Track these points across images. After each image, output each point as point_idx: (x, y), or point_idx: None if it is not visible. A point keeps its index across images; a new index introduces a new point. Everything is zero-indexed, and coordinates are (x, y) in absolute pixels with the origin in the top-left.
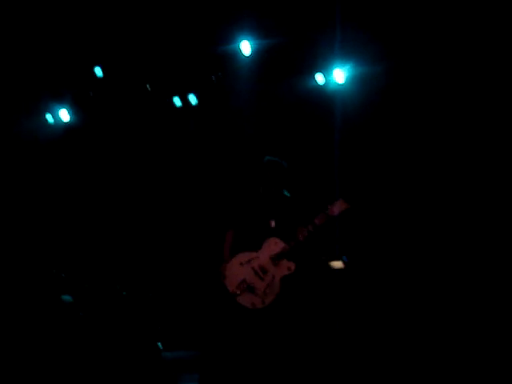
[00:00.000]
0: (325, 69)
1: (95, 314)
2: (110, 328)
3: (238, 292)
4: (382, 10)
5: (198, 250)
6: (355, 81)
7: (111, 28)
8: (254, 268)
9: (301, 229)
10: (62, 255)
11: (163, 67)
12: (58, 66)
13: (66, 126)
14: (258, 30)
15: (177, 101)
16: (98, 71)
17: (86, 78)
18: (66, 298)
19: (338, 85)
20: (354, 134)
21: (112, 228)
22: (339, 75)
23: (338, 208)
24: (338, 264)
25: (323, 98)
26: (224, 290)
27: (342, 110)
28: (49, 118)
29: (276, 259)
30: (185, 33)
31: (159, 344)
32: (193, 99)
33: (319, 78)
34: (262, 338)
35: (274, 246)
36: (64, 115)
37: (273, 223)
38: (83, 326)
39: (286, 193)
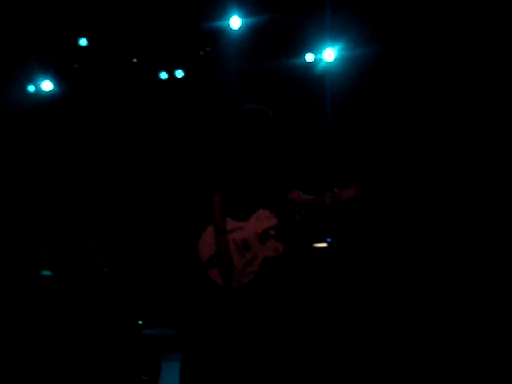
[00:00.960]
0: (315, 47)
1: (75, 290)
2: (90, 304)
3: (211, 264)
4: None
5: (182, 220)
6: (345, 60)
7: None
8: (236, 241)
9: (300, 207)
10: (44, 230)
11: (151, 41)
12: (42, 36)
13: (49, 97)
14: (248, 5)
15: (163, 75)
16: (84, 42)
17: (71, 49)
18: (46, 272)
19: (328, 63)
20: (343, 112)
21: (95, 204)
22: (329, 54)
23: (347, 193)
24: (321, 244)
25: (312, 76)
26: (196, 258)
27: (331, 88)
28: (31, 88)
29: (263, 236)
30: (174, 7)
31: (140, 321)
32: (180, 74)
33: (309, 57)
34: (232, 320)
35: (265, 219)
36: (47, 86)
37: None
38: (62, 302)
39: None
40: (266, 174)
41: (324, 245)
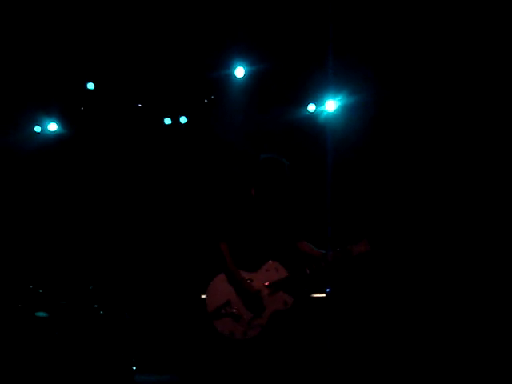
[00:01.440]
0: (317, 98)
1: (70, 332)
2: (84, 347)
3: (218, 314)
4: (373, 42)
5: (181, 269)
6: (346, 110)
7: (106, 44)
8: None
9: (311, 260)
10: (40, 271)
11: (156, 87)
12: (50, 80)
13: (55, 138)
14: (252, 55)
15: (167, 120)
16: (91, 86)
17: (79, 93)
18: (41, 314)
19: (329, 113)
20: (344, 161)
21: (94, 245)
22: (330, 105)
23: (360, 248)
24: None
25: (314, 127)
26: (203, 307)
27: (332, 138)
28: (37, 129)
29: (273, 288)
30: (180, 55)
31: (133, 367)
32: (183, 120)
33: (310, 107)
34: (236, 372)
35: (274, 271)
36: (53, 128)
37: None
38: (57, 344)
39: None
40: (277, 224)
41: (323, 295)
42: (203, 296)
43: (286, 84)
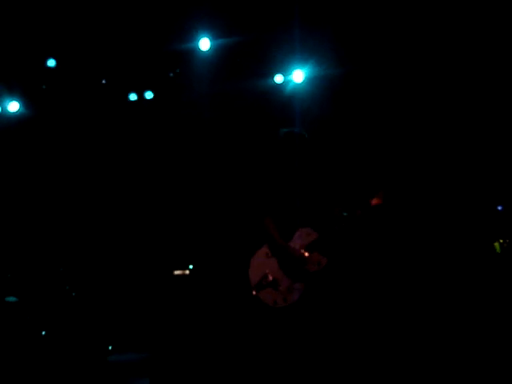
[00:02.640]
0: (284, 69)
1: (42, 315)
2: (57, 329)
3: (260, 286)
4: (341, 13)
5: (153, 247)
6: (313, 81)
7: (67, 20)
8: (281, 261)
9: (335, 217)
10: (8, 254)
11: (120, 62)
12: (9, 58)
13: (16, 118)
14: (218, 27)
15: (132, 96)
16: (52, 63)
17: (39, 70)
18: (11, 299)
19: (296, 84)
20: (312, 133)
21: (63, 225)
22: (298, 75)
23: (376, 201)
24: None
25: (281, 98)
26: (246, 282)
27: (299, 110)
28: None
29: (307, 251)
30: (143, 28)
31: (109, 347)
32: (149, 96)
33: (278, 78)
34: (280, 339)
35: (306, 236)
36: (14, 107)
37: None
38: (28, 328)
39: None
40: (309, 193)
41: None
42: (176, 272)
43: (253, 55)
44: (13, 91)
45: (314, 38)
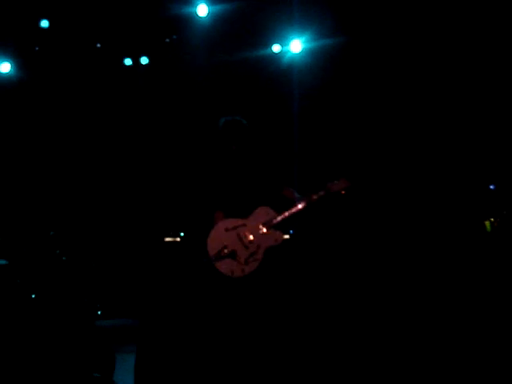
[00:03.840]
0: (282, 39)
1: (32, 278)
2: (47, 293)
3: (218, 257)
4: None
5: (142, 214)
6: (311, 52)
7: None
8: (240, 235)
9: (295, 202)
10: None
11: (116, 26)
12: (1, 18)
13: (7, 79)
14: None
15: (128, 61)
16: (45, 24)
17: (32, 32)
18: (1, 261)
19: (294, 54)
20: (309, 102)
21: (56, 192)
22: (296, 45)
23: (337, 186)
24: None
25: (279, 67)
26: (204, 253)
27: (298, 79)
28: None
29: (266, 227)
30: None
31: (98, 312)
32: (144, 61)
33: (276, 48)
34: (236, 308)
35: (265, 214)
36: (5, 68)
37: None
38: (18, 291)
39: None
40: (259, 175)
41: (286, 236)
42: (167, 239)
43: (251, 23)
44: (5, 52)
45: (313, 7)
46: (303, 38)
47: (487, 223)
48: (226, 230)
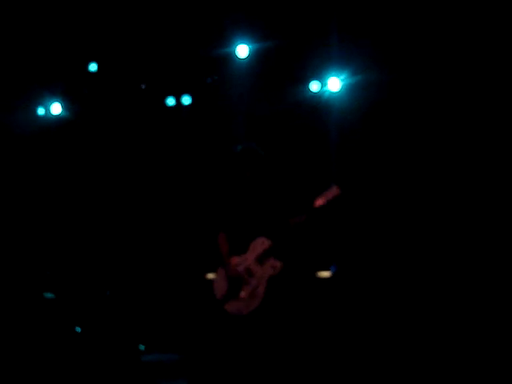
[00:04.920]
0: (320, 76)
1: (77, 313)
2: (91, 327)
3: (225, 299)
4: (378, 19)
5: (187, 251)
6: (350, 89)
7: (108, 25)
8: (241, 272)
9: (288, 221)
10: (48, 253)
11: (159, 67)
12: (52, 61)
13: (58, 120)
14: (255, 34)
15: (170, 101)
16: (93, 67)
17: (81, 74)
18: (49, 295)
19: (333, 93)
20: (348, 141)
21: (100, 226)
22: (334, 83)
23: (330, 194)
24: (325, 274)
25: (317, 106)
26: (213, 296)
27: (336, 118)
28: (40, 111)
29: (261, 259)
30: (182, 34)
31: (141, 346)
32: (187, 100)
33: (314, 86)
34: (248, 345)
35: (261, 245)
36: (56, 109)
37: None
38: (64, 324)
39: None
40: (267, 203)
41: (328, 274)
42: (210, 276)
43: (289, 63)
44: (55, 94)
45: (352, 44)
46: (342, 76)
47: None
48: (228, 270)
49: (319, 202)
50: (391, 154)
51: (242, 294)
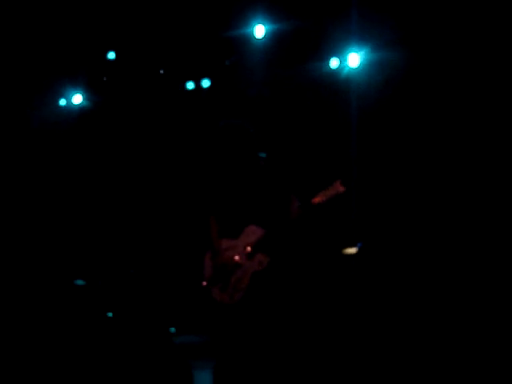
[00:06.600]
0: (340, 53)
1: (108, 298)
2: (122, 313)
3: (211, 284)
4: None
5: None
6: (370, 66)
7: (124, 12)
8: (228, 259)
9: (287, 211)
10: (78, 239)
11: (176, 52)
12: (72, 52)
13: (80, 111)
14: (271, 13)
15: (190, 85)
16: (112, 56)
17: (100, 63)
18: (79, 282)
19: (353, 69)
20: (369, 119)
21: (129, 214)
22: (354, 60)
23: (333, 190)
24: (351, 250)
25: (337, 83)
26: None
27: (356, 95)
28: (62, 102)
29: (252, 251)
30: (198, 17)
31: (172, 328)
32: (206, 83)
33: (334, 63)
34: (233, 336)
35: (252, 234)
36: (78, 99)
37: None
38: (94, 311)
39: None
40: (256, 191)
41: (354, 251)
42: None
43: (308, 40)
44: (76, 84)
45: (372, 20)
46: (362, 52)
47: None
48: (215, 253)
49: (317, 199)
50: (410, 132)
51: (226, 283)
